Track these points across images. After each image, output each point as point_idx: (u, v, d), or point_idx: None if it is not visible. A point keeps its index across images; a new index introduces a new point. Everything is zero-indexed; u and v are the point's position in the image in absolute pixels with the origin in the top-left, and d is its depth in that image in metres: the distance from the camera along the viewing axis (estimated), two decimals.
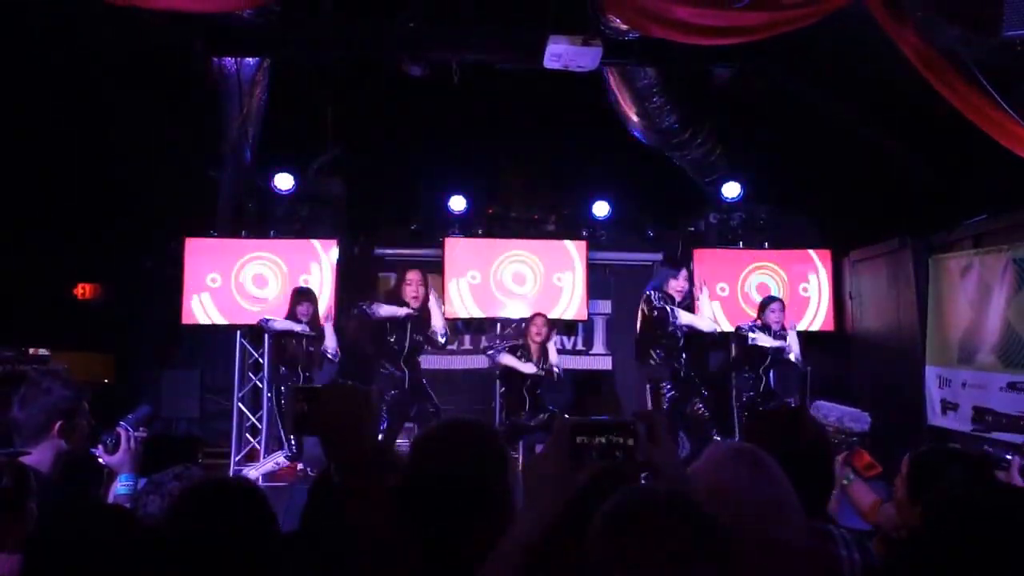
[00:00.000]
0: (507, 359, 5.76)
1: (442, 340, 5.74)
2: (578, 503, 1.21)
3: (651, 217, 7.51)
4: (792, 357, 5.99)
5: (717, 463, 1.35)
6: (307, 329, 5.77)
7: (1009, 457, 2.65)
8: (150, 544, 1.18)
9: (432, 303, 5.71)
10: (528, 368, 5.73)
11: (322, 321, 5.87)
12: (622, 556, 1.04)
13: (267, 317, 5.93)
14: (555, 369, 5.85)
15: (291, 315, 5.84)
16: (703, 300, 6.40)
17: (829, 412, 2.83)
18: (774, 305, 6.15)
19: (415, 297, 5.64)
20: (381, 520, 1.26)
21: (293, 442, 5.68)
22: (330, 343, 5.76)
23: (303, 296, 5.90)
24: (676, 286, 6.01)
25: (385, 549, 1.25)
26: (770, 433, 1.63)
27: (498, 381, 5.96)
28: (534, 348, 5.85)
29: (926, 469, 2.13)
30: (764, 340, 5.95)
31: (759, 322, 6.12)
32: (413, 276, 5.67)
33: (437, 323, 5.66)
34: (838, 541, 1.52)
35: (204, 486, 1.63)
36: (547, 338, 5.89)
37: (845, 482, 2.58)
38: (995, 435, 4.88)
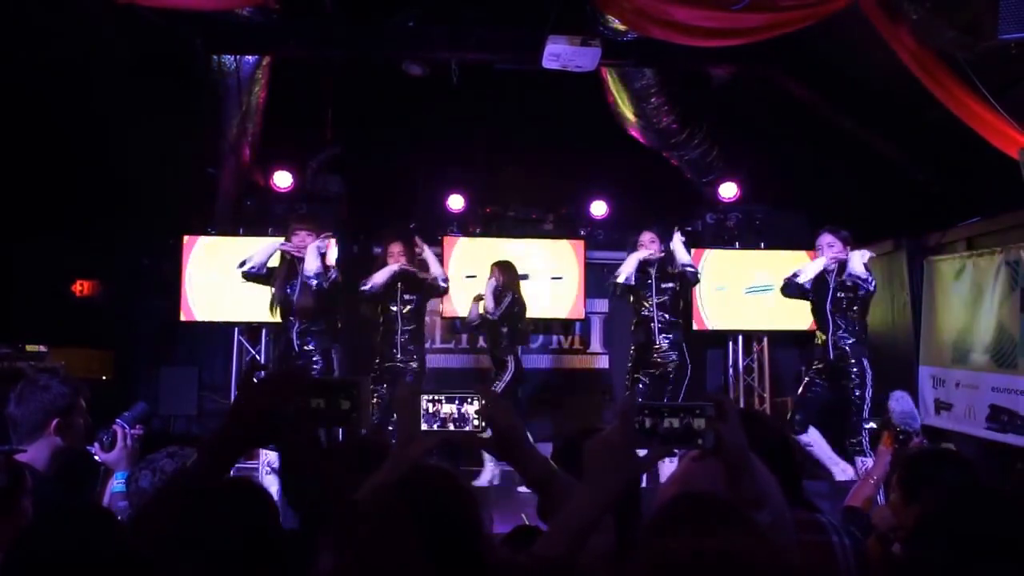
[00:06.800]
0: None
1: (444, 285, 5.64)
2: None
3: (648, 217, 7.52)
4: (860, 274, 4.96)
5: (687, 468, 1.36)
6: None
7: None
8: (131, 550, 1.18)
9: (426, 255, 5.64)
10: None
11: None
12: (667, 558, 1.01)
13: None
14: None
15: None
16: (676, 242, 5.63)
17: (895, 404, 2.98)
18: (828, 238, 5.14)
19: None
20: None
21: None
22: (310, 265, 5.14)
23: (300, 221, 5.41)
24: (645, 255, 5.57)
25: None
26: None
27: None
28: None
29: (919, 470, 2.16)
30: (810, 270, 5.16)
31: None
32: (394, 247, 5.57)
33: (436, 271, 5.59)
34: (829, 529, 1.60)
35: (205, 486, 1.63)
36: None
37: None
38: (1010, 437, 4.86)
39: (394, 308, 5.53)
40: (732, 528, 1.01)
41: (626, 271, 5.59)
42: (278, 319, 5.38)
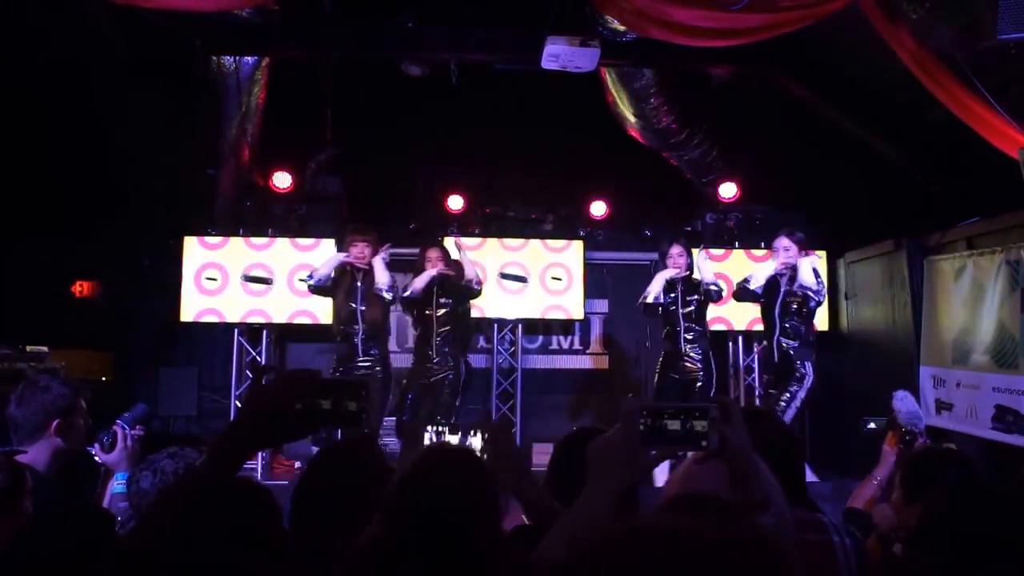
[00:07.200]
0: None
1: (477, 288, 5.68)
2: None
3: (648, 217, 7.53)
4: (810, 285, 5.03)
5: (688, 469, 1.35)
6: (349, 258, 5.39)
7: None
8: (131, 550, 1.17)
9: (461, 257, 5.69)
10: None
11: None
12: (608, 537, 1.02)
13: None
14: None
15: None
16: (701, 260, 5.66)
17: (900, 404, 3.00)
18: (784, 241, 5.21)
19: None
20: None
21: None
22: (382, 278, 5.30)
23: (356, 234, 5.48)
24: (672, 265, 5.60)
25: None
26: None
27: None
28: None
29: (921, 470, 2.16)
30: (760, 276, 5.30)
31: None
32: (432, 253, 5.61)
33: (470, 273, 5.63)
34: (830, 529, 1.59)
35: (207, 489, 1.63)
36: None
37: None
38: (1012, 438, 4.85)
39: (429, 312, 5.56)
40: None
41: (654, 290, 5.65)
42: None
